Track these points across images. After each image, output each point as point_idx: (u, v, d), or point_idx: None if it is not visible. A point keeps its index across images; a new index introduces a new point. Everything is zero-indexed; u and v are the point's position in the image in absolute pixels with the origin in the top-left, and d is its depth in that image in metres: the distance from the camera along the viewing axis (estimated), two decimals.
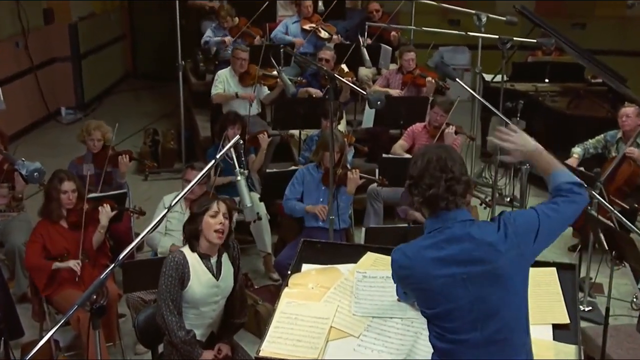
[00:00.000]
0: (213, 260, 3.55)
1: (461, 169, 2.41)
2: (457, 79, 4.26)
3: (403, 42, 7.85)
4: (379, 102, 3.55)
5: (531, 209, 2.43)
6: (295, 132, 6.47)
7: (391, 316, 2.90)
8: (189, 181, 4.77)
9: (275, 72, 6.42)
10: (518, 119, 6.13)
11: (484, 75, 7.34)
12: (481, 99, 4.65)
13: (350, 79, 6.34)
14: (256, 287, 5.20)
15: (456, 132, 5.77)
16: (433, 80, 6.74)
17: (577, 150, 5.98)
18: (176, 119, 8.16)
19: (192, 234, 3.50)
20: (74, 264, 4.31)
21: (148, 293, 4.41)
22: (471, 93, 4.63)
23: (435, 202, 2.38)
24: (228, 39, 7.36)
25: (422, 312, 2.49)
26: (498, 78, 7.09)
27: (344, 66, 6.89)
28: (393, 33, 7.86)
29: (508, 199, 6.81)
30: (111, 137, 5.45)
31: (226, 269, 3.58)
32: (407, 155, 5.78)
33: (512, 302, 2.37)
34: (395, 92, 6.80)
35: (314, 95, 6.58)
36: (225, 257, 3.60)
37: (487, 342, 2.35)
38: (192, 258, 3.49)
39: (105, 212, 4.50)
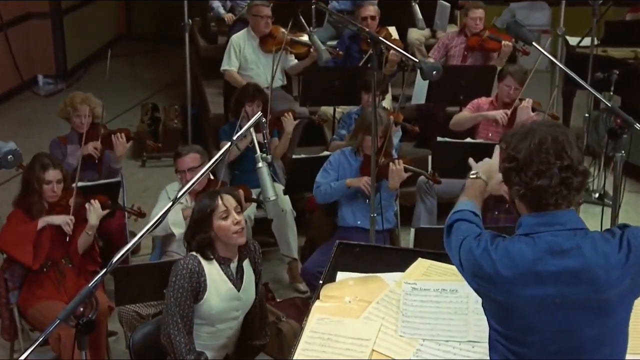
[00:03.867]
0: (233, 265, 3.61)
1: (579, 156, 2.34)
2: (533, 43, 4.24)
3: None
4: (434, 72, 3.55)
5: None
6: (329, 109, 6.50)
7: (447, 339, 2.91)
8: (182, 172, 4.84)
9: (304, 37, 6.44)
10: (612, 93, 6.08)
11: (568, 38, 7.27)
12: (564, 68, 4.62)
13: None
14: (279, 300, 5.24)
15: (533, 109, 5.74)
16: (510, 44, 6.68)
17: None
18: (181, 92, 8.22)
19: (202, 245, 3.56)
20: (66, 221, 4.35)
21: (146, 306, 4.46)
22: (551, 60, 4.61)
23: (542, 196, 2.33)
24: (229, 16, 7.42)
25: (488, 321, 2.48)
26: (586, 41, 7.02)
27: (392, 29, 6.87)
28: None
29: (596, 195, 6.75)
30: (101, 111, 5.50)
31: (248, 278, 3.64)
32: (469, 139, 5.76)
33: (608, 341, 2.34)
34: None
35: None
36: (247, 263, 3.66)
37: None
38: (208, 264, 3.56)
39: (95, 211, 4.53)
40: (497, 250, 2.36)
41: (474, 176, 2.74)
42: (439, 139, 5.66)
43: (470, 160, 2.87)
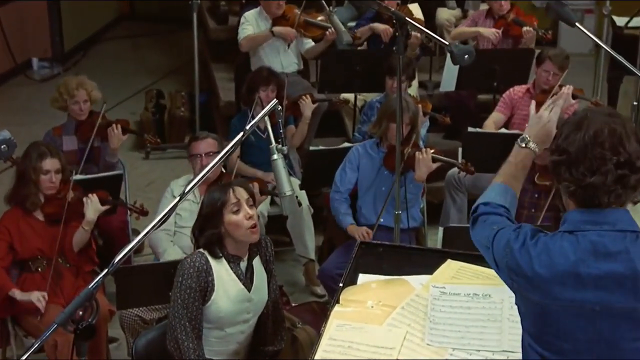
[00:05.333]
0: (243, 264, 3.63)
1: (638, 150, 2.30)
2: (576, 24, 4.23)
3: None
4: (466, 57, 3.55)
5: None
6: (350, 96, 6.50)
7: (479, 348, 2.91)
8: (198, 156, 4.87)
9: (321, 18, 6.43)
10: None
11: (615, 18, 7.22)
12: (610, 51, 4.60)
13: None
14: (294, 304, 5.24)
15: (574, 97, 5.71)
16: (532, 29, 6.65)
17: None
18: (188, 77, 8.22)
19: (211, 241, 3.57)
20: (38, 298, 4.33)
21: (150, 310, 4.49)
22: (596, 43, 4.59)
23: (594, 194, 2.30)
24: None
25: (521, 322, 2.48)
26: (635, 22, 6.97)
27: (414, 7, 6.84)
28: None
29: None
30: (98, 95, 5.49)
31: (259, 277, 3.66)
32: (505, 131, 5.75)
33: None
34: (487, 31, 6.72)
35: (383, 34, 6.49)
36: (257, 261, 3.68)
37: None
38: (216, 262, 3.58)
39: (93, 205, 4.54)
40: (536, 246, 2.35)
41: (523, 144, 2.65)
42: (470, 129, 5.65)
43: (532, 109, 2.80)
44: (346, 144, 5.62)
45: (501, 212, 2.55)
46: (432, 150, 4.99)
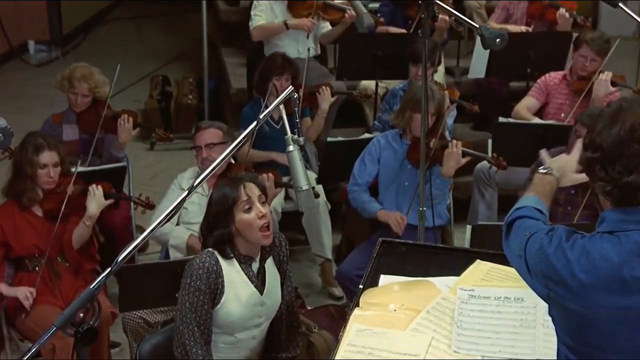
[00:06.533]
0: (255, 265, 3.63)
1: None
2: (619, 4, 4.20)
3: None
4: (497, 40, 3.54)
5: None
6: (370, 84, 6.49)
7: (510, 356, 2.90)
8: (199, 149, 4.87)
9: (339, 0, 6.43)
10: None
11: None
12: None
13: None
14: (309, 307, 5.25)
15: (613, 84, 5.68)
16: (567, 13, 6.62)
17: None
18: (196, 63, 8.27)
19: (221, 241, 3.57)
20: (25, 295, 4.35)
21: (155, 313, 4.51)
22: None
23: (633, 194, 2.30)
24: None
25: (557, 334, 2.47)
26: None
27: None
28: None
29: None
30: (106, 92, 5.45)
31: (272, 279, 3.67)
32: (537, 120, 5.72)
33: None
34: (516, 28, 6.73)
35: None
36: (270, 261, 3.69)
37: None
38: (227, 263, 3.58)
39: (96, 198, 4.53)
40: (573, 249, 2.33)
41: (544, 171, 2.72)
42: (501, 119, 5.65)
43: (543, 153, 2.84)
44: (366, 135, 5.64)
45: (537, 215, 2.55)
46: (461, 144, 4.97)
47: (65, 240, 4.55)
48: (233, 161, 5.07)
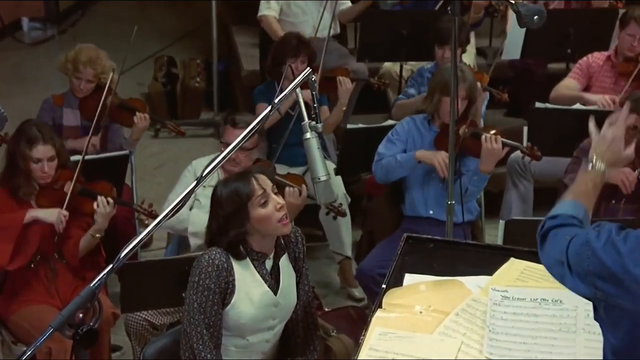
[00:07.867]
0: (269, 263, 3.63)
1: None
2: None
3: None
4: (535, 18, 3.52)
5: None
6: (394, 66, 6.46)
7: None
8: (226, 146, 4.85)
9: None
10: None
11: None
12: None
13: None
14: (327, 309, 5.27)
15: None
16: None
17: None
18: (205, 43, 8.28)
19: (236, 242, 3.56)
20: (59, 219, 4.38)
21: (160, 314, 4.53)
22: None
23: None
24: None
25: (605, 337, 2.46)
26: None
27: None
28: None
29: None
30: (114, 79, 5.42)
31: (287, 278, 3.67)
32: (579, 106, 5.69)
33: None
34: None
35: None
36: (285, 259, 3.69)
37: None
38: (238, 260, 3.58)
39: (104, 209, 4.46)
40: (626, 242, 2.32)
41: (589, 167, 2.69)
42: (538, 104, 5.63)
43: (591, 127, 2.80)
44: (390, 122, 5.61)
45: (574, 222, 2.54)
46: (500, 136, 4.88)
47: (65, 245, 4.55)
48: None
